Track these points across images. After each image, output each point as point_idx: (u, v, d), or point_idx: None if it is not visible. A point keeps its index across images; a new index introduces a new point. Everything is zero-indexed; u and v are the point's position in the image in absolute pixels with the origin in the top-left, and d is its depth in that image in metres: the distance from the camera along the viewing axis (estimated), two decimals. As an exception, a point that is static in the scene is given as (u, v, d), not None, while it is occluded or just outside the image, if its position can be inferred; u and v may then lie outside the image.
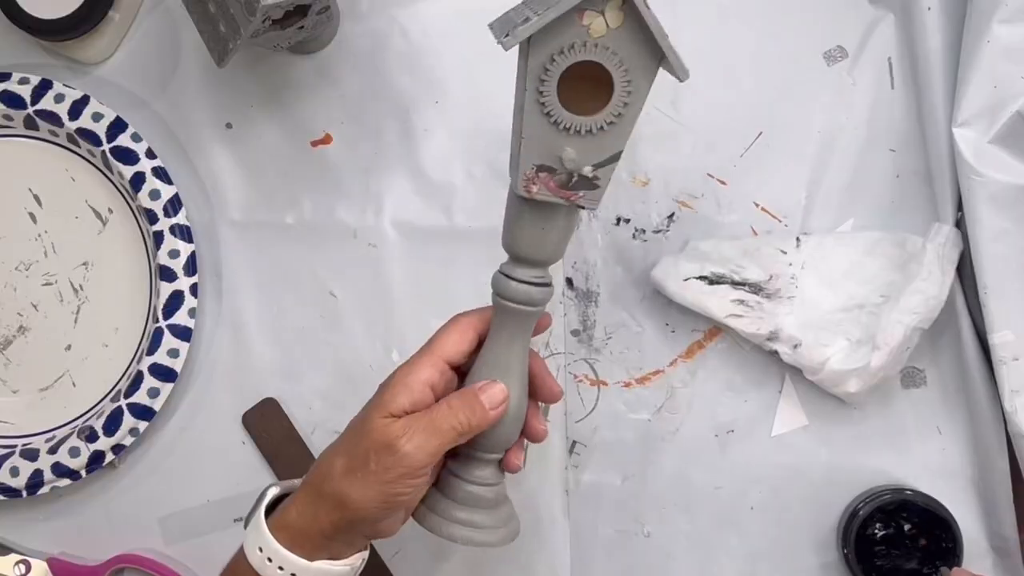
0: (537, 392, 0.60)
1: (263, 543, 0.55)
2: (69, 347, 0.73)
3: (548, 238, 0.54)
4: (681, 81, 0.50)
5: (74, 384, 0.73)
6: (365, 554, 0.58)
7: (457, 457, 0.59)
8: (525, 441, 0.61)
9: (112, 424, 0.70)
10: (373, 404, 0.55)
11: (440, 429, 0.54)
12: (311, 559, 0.54)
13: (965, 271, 0.66)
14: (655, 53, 0.48)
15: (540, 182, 0.52)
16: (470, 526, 0.57)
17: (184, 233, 0.71)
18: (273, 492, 0.57)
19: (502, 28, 0.50)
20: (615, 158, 0.51)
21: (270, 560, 0.54)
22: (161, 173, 0.71)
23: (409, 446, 0.53)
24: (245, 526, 0.57)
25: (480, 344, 0.58)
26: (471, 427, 0.55)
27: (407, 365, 0.56)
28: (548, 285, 0.56)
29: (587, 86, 0.50)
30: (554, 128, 0.50)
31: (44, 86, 0.72)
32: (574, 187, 0.52)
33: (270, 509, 0.57)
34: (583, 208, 0.54)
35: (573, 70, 0.49)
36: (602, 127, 0.50)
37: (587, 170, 0.52)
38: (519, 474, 0.70)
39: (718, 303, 0.66)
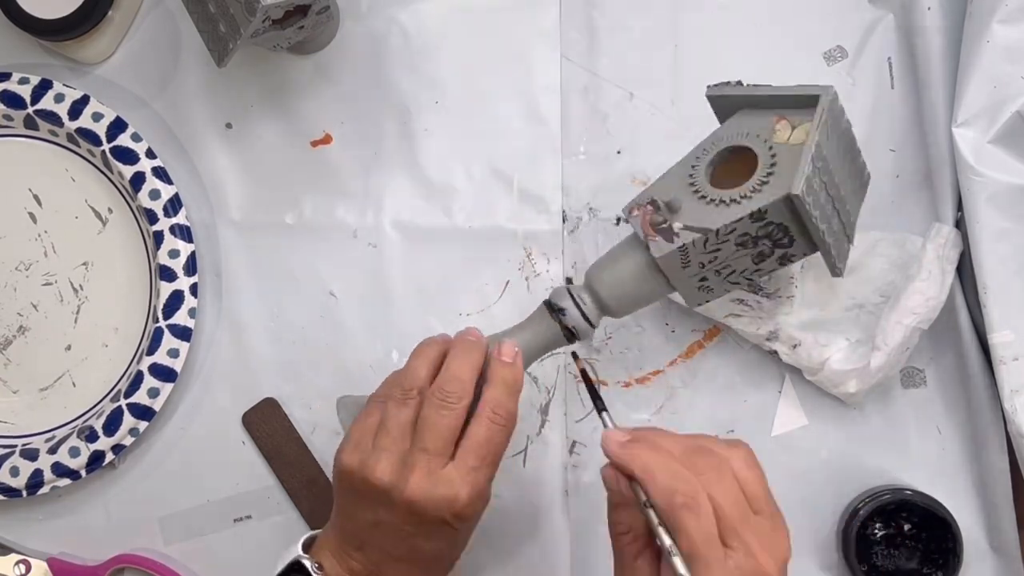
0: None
1: None
2: (69, 347, 0.73)
3: (626, 284, 0.57)
4: (832, 276, 0.57)
5: (74, 384, 0.73)
6: None
7: None
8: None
9: (112, 424, 0.70)
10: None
11: (496, 458, 0.55)
12: None
13: (965, 271, 0.66)
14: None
15: (640, 211, 0.56)
16: None
17: (184, 233, 0.71)
18: (302, 555, 0.57)
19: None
20: (704, 231, 0.54)
21: None
22: (161, 173, 0.71)
23: (481, 497, 0.55)
24: None
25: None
26: (512, 413, 0.55)
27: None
28: (594, 327, 0.58)
29: (733, 164, 0.55)
30: (688, 181, 0.56)
31: (44, 86, 0.72)
32: (659, 231, 0.55)
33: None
34: (647, 243, 0.56)
35: (736, 148, 0.55)
36: (714, 200, 0.54)
37: (678, 225, 0.55)
38: (519, 474, 0.70)
39: (717, 302, 0.66)
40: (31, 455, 0.70)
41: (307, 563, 0.55)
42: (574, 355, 0.60)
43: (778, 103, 0.56)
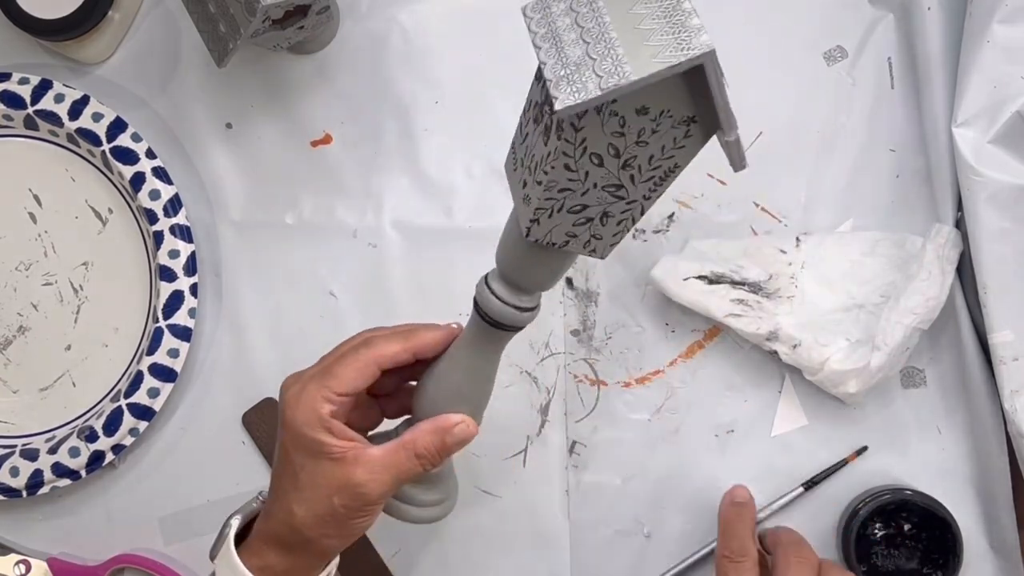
0: None
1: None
2: (69, 347, 0.73)
3: (540, 268, 0.51)
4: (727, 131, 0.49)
5: (74, 384, 0.73)
6: (332, 567, 0.58)
7: (407, 424, 0.59)
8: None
9: (112, 424, 0.70)
10: (307, 449, 0.54)
11: (403, 474, 0.54)
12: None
13: (965, 271, 0.66)
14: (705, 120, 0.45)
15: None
16: (403, 500, 0.58)
17: (184, 233, 0.71)
18: (236, 523, 0.57)
19: (552, 75, 0.42)
20: (539, 182, 0.46)
21: None
22: (161, 173, 0.71)
23: (375, 490, 0.53)
24: (211, 557, 0.56)
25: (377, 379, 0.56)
26: (435, 467, 0.55)
27: (301, 396, 0.54)
28: (532, 309, 0.53)
29: None
30: (522, 158, 0.49)
31: (44, 86, 0.72)
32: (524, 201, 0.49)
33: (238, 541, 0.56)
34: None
35: None
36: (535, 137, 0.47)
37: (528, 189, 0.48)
38: (519, 474, 0.70)
39: (717, 302, 0.66)
40: (31, 455, 0.70)
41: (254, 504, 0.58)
42: None
43: None
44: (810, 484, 0.68)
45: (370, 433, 0.60)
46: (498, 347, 0.55)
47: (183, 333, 0.70)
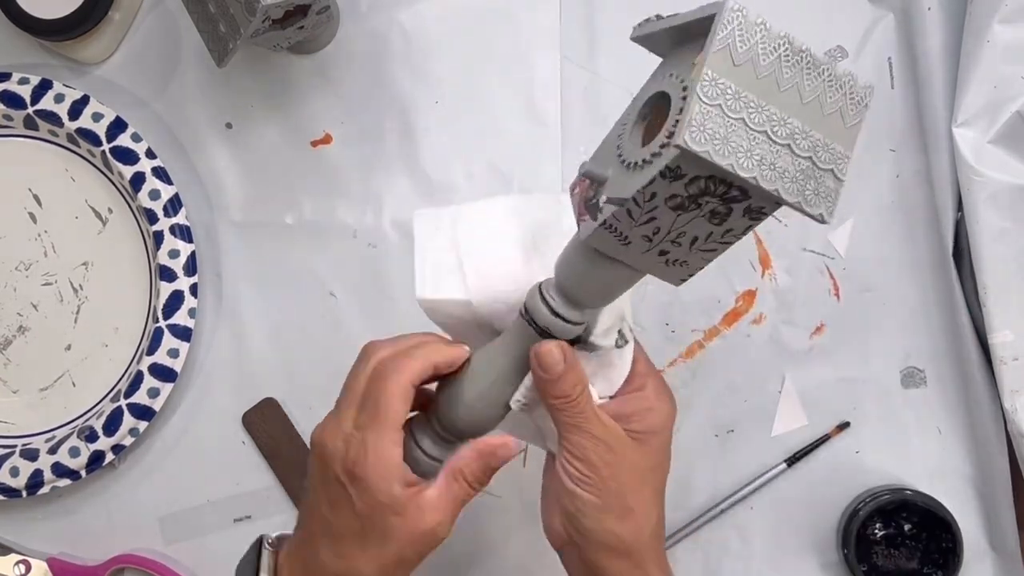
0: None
1: None
2: (69, 347, 0.73)
3: (590, 277, 0.50)
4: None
5: (74, 384, 0.73)
6: None
7: (421, 423, 0.55)
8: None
9: (112, 424, 0.70)
10: (385, 504, 0.51)
11: (462, 503, 0.53)
12: None
13: (965, 271, 0.66)
14: None
15: (580, 188, 0.49)
16: None
17: (184, 233, 0.71)
18: (267, 555, 0.55)
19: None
20: (622, 202, 0.46)
21: None
22: (161, 173, 0.71)
23: (443, 530, 0.52)
24: None
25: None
26: (483, 487, 0.54)
27: (368, 443, 0.52)
28: (580, 324, 0.52)
29: (662, 119, 0.46)
30: (615, 145, 0.48)
31: (44, 86, 0.72)
32: (588, 209, 0.48)
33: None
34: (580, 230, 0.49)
35: (659, 96, 0.46)
36: (631, 164, 0.46)
37: (602, 198, 0.47)
38: (520, 474, 0.70)
39: None
40: (31, 455, 0.70)
41: (266, 543, 0.56)
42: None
43: (700, 30, 0.44)
44: (792, 460, 0.68)
45: None
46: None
47: (183, 333, 0.70)
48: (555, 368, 0.51)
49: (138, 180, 0.71)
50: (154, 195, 0.71)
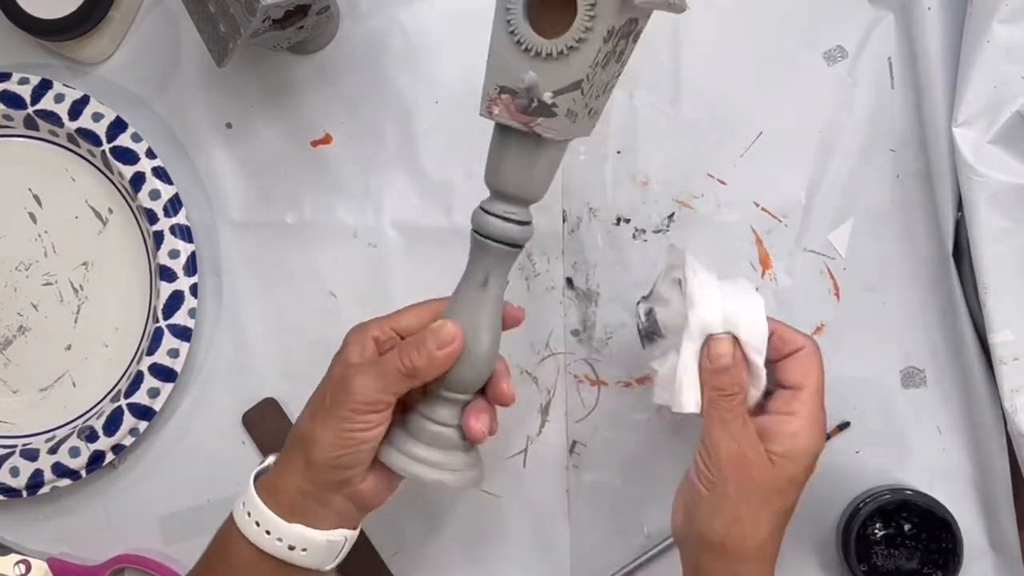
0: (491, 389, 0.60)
1: (247, 499, 0.57)
2: (69, 347, 0.73)
3: (531, 173, 0.53)
4: (678, 12, 0.52)
5: (74, 384, 0.73)
6: (348, 533, 0.58)
7: (425, 396, 0.58)
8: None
9: (112, 424, 0.70)
10: (334, 358, 0.59)
11: (386, 370, 0.55)
12: (289, 520, 0.56)
13: (965, 271, 0.66)
14: None
15: (502, 104, 0.51)
16: (426, 463, 0.56)
17: (184, 233, 0.71)
18: (271, 459, 0.59)
19: None
20: (575, 86, 0.50)
21: (249, 515, 0.56)
22: (161, 173, 0.71)
23: (357, 382, 0.55)
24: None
25: None
26: (416, 368, 0.55)
27: (360, 324, 0.59)
28: (527, 223, 0.55)
29: (555, 8, 0.49)
30: (517, 49, 0.50)
31: (44, 86, 0.72)
32: (534, 112, 0.51)
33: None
34: (541, 136, 0.52)
35: None
36: (563, 51, 0.49)
37: (547, 96, 0.50)
38: (519, 474, 0.70)
39: None
40: (31, 455, 0.70)
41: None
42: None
43: None
44: None
45: None
46: (498, 274, 0.56)
47: (183, 333, 0.70)
48: (721, 360, 0.55)
49: (138, 180, 0.71)
50: (154, 195, 0.71)
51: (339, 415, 0.55)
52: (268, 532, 0.56)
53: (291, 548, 0.56)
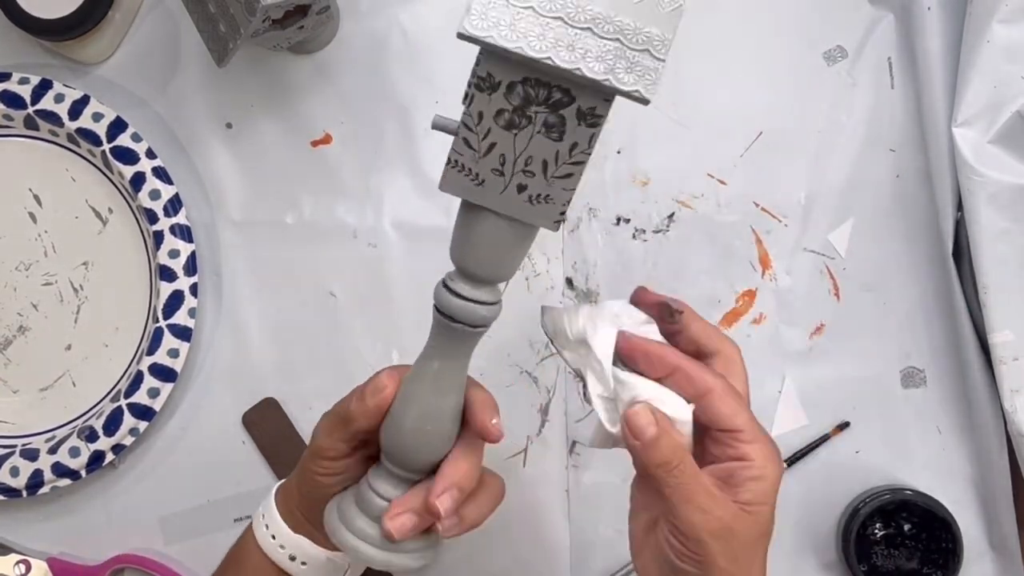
0: (470, 422, 0.52)
1: (264, 503, 0.58)
2: (69, 347, 0.73)
3: (498, 252, 0.48)
4: None
5: (74, 384, 0.73)
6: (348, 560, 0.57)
7: (375, 468, 0.53)
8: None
9: (112, 424, 0.70)
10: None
11: (332, 413, 0.55)
12: (295, 532, 0.56)
13: (965, 271, 0.66)
14: None
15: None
16: (358, 535, 0.51)
17: (184, 233, 0.71)
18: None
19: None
20: (455, 131, 0.47)
21: (263, 517, 0.57)
22: (161, 173, 0.71)
23: (320, 424, 0.55)
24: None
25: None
26: (349, 411, 0.52)
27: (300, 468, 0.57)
28: (496, 303, 0.49)
29: None
30: None
31: (44, 86, 0.72)
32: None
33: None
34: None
35: None
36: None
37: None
38: (519, 474, 0.70)
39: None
40: (31, 455, 0.70)
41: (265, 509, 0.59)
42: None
43: None
44: (792, 460, 0.68)
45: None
46: (461, 355, 0.50)
47: (183, 333, 0.70)
48: (646, 432, 0.49)
49: (138, 180, 0.71)
50: (154, 195, 0.71)
51: (309, 452, 0.55)
52: (274, 537, 0.56)
53: (292, 559, 0.56)
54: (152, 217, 0.71)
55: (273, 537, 0.56)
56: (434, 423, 0.51)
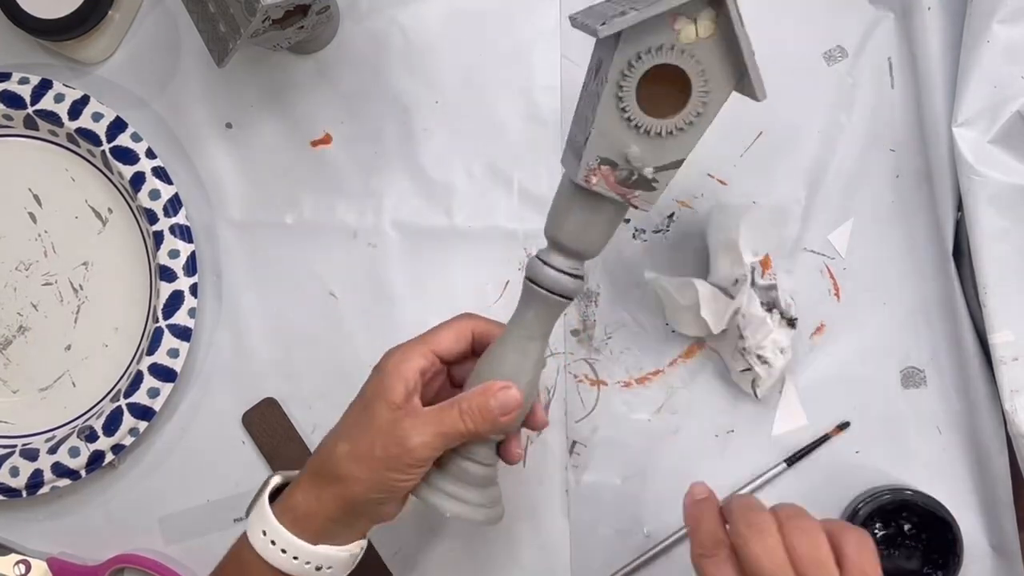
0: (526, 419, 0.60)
1: (267, 526, 0.56)
2: (69, 347, 0.73)
3: (593, 231, 0.55)
4: (758, 100, 0.51)
5: (74, 384, 0.73)
6: (364, 542, 0.59)
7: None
8: (525, 431, 0.61)
9: (112, 424, 0.70)
10: (372, 391, 0.57)
11: (448, 433, 0.55)
12: (314, 543, 0.56)
13: (965, 271, 0.66)
14: (737, 68, 0.49)
15: (601, 175, 0.53)
16: (457, 499, 0.57)
17: (184, 233, 0.71)
18: (276, 480, 0.59)
19: (595, 17, 0.50)
20: (677, 164, 0.52)
21: (274, 543, 0.56)
22: (161, 173, 0.71)
23: (416, 441, 0.54)
24: (247, 515, 0.58)
25: (474, 350, 0.59)
26: (480, 431, 0.55)
27: (399, 352, 0.58)
28: (582, 278, 0.56)
29: (665, 88, 0.50)
30: (626, 124, 0.51)
31: (44, 86, 0.72)
32: (633, 185, 0.53)
33: (272, 498, 0.58)
34: (636, 208, 0.54)
35: (654, 70, 0.50)
36: (671, 131, 0.51)
37: (648, 171, 0.52)
38: (519, 474, 0.70)
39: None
40: (31, 455, 0.70)
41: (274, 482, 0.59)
42: None
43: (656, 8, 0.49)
44: (792, 460, 0.68)
45: None
46: (546, 324, 0.57)
47: (183, 333, 0.70)
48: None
49: (138, 180, 0.71)
50: (154, 195, 0.71)
51: (390, 465, 0.55)
52: (296, 558, 0.56)
53: (318, 568, 0.57)
54: (152, 217, 0.71)
55: (295, 558, 0.56)
56: (535, 392, 0.58)
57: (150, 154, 0.71)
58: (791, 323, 0.66)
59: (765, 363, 0.65)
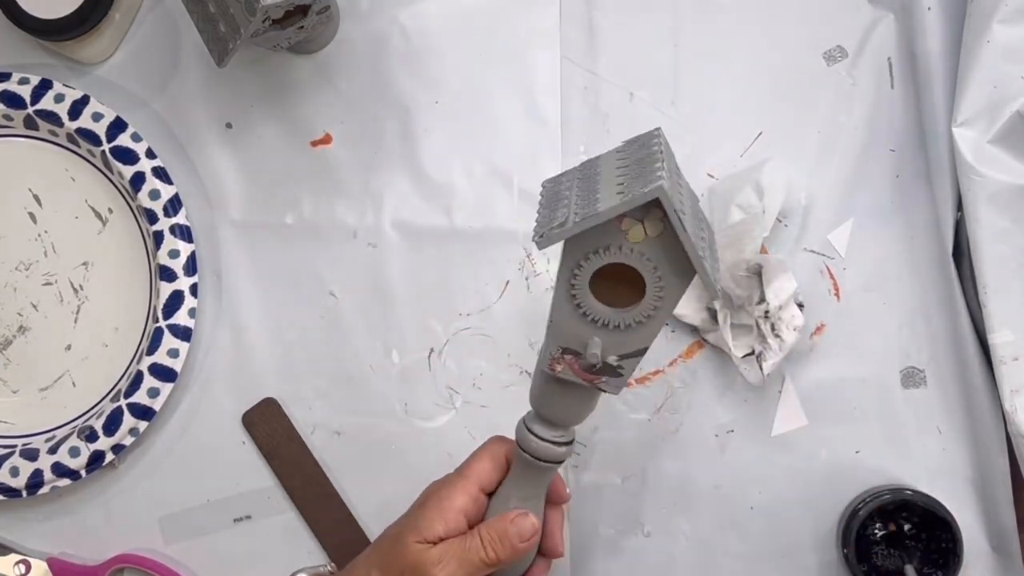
0: (543, 543, 0.61)
1: None
2: (69, 347, 0.73)
3: (571, 409, 0.56)
4: (712, 298, 0.52)
5: (74, 384, 0.73)
6: None
7: None
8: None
9: (112, 424, 0.70)
10: (408, 525, 0.57)
11: (471, 561, 0.56)
12: None
13: (965, 271, 0.66)
14: (688, 266, 0.48)
15: (565, 363, 0.53)
16: None
17: (184, 233, 0.71)
18: None
19: (552, 202, 0.50)
20: (640, 352, 0.52)
21: None
22: (161, 173, 0.71)
23: (442, 575, 0.55)
24: None
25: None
26: (502, 560, 0.56)
27: (443, 489, 0.58)
28: (570, 443, 0.57)
29: (621, 281, 0.50)
30: (583, 318, 0.51)
31: (44, 86, 0.72)
32: (598, 372, 0.53)
33: None
34: (605, 392, 0.54)
35: (608, 266, 0.49)
36: (631, 324, 0.50)
37: (612, 359, 0.52)
38: (519, 474, 0.70)
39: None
40: (31, 455, 0.70)
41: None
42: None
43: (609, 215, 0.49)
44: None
45: None
46: (540, 483, 0.59)
47: (183, 333, 0.70)
48: None
49: (138, 180, 0.71)
50: (154, 195, 0.71)
51: None
52: None
53: None
54: (152, 217, 0.71)
55: None
56: (534, 551, 0.60)
57: (150, 154, 0.71)
58: (800, 306, 0.66)
59: (778, 337, 0.65)
